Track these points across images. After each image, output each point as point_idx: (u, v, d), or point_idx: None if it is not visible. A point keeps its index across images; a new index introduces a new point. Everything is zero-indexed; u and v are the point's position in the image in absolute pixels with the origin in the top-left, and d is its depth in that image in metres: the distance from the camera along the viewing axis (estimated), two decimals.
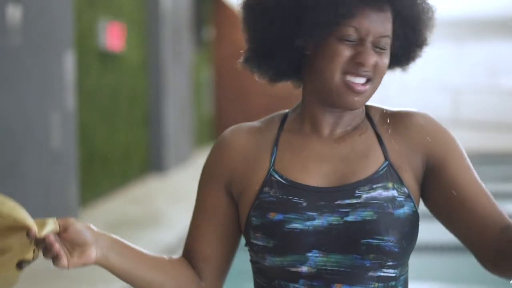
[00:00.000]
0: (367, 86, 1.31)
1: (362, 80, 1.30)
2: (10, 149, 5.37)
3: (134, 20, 9.48)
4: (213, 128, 15.44)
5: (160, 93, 10.18)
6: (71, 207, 6.50)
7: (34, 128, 5.83)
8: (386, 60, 1.32)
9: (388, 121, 1.38)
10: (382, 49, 1.30)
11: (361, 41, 1.29)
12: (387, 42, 1.31)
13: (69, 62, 6.49)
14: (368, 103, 1.39)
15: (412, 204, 1.32)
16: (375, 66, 1.30)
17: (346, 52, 1.29)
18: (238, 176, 1.38)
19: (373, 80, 1.31)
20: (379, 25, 1.29)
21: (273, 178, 1.34)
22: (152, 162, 10.17)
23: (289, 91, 1.49)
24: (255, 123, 1.43)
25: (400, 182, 1.32)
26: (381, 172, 1.32)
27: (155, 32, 10.10)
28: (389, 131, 1.37)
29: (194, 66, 12.90)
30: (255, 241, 1.33)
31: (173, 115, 10.60)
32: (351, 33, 1.29)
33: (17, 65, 5.49)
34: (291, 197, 1.31)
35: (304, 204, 1.30)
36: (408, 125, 1.36)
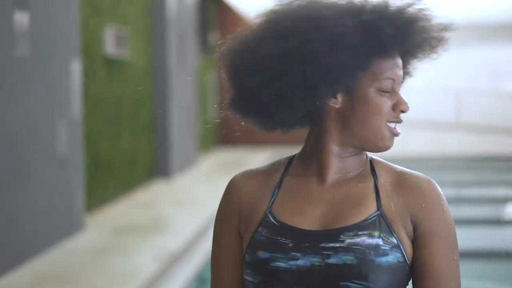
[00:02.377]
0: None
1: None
2: (17, 155, 5.43)
3: (140, 26, 9.55)
4: (218, 133, 15.48)
5: (165, 99, 10.24)
6: (76, 213, 6.56)
7: (41, 135, 5.88)
8: None
9: (396, 178, 1.44)
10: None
11: (394, 90, 1.41)
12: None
13: (75, 69, 6.55)
14: (376, 157, 1.49)
15: (399, 254, 1.37)
16: None
17: (388, 103, 1.41)
18: (243, 217, 1.47)
19: None
20: (401, 72, 1.42)
21: (267, 219, 1.43)
22: (157, 167, 10.22)
23: None
24: (262, 168, 1.52)
25: (389, 232, 1.37)
26: (370, 220, 1.38)
27: (160, 38, 10.16)
28: (393, 187, 1.43)
29: (199, 71, 12.95)
30: (246, 277, 1.43)
31: (178, 121, 10.65)
32: (389, 84, 1.40)
33: (24, 72, 5.54)
34: (279, 238, 1.39)
35: (290, 244, 1.38)
36: (411, 187, 1.42)
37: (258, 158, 12.91)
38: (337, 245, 1.35)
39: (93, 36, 7.70)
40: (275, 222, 1.42)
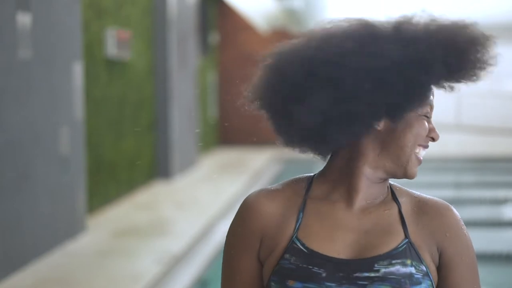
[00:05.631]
0: None
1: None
2: (19, 157, 5.44)
3: (141, 28, 9.56)
4: (218, 133, 15.48)
5: (166, 99, 10.25)
6: (78, 215, 6.57)
7: (43, 137, 5.90)
8: None
9: (417, 205, 1.44)
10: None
11: (431, 116, 1.43)
12: None
13: (77, 71, 6.56)
14: (393, 183, 1.48)
15: (429, 282, 1.37)
16: None
17: (426, 127, 1.42)
18: (266, 242, 1.41)
19: None
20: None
21: (294, 245, 1.37)
22: (158, 168, 10.24)
23: None
24: (279, 187, 1.46)
25: (419, 260, 1.37)
26: (401, 248, 1.37)
27: (161, 39, 10.18)
28: (415, 214, 1.43)
29: (199, 71, 12.96)
30: None
31: (179, 121, 10.66)
32: (429, 110, 1.42)
33: (26, 75, 5.55)
34: (311, 267, 1.35)
35: (324, 274, 1.34)
36: (432, 214, 1.42)
37: (258, 158, 12.92)
38: (372, 274, 1.34)
39: (95, 38, 7.72)
40: (304, 249, 1.37)
